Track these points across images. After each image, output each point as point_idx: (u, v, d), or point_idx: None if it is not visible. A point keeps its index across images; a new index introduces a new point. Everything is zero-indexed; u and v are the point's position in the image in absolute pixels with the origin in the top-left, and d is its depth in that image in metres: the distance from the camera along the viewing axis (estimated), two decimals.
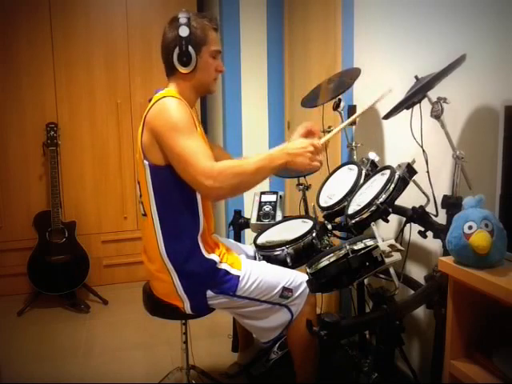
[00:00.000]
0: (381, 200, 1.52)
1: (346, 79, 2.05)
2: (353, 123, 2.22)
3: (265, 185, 3.20)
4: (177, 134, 1.45)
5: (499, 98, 1.46)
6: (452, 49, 1.64)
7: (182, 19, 1.54)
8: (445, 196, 1.49)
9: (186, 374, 1.86)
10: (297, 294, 1.61)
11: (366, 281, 2.02)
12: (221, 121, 3.36)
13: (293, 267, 1.69)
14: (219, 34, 1.63)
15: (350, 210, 1.65)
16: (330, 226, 1.79)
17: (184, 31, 1.53)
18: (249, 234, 2.34)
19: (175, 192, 1.54)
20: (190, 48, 1.53)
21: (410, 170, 1.57)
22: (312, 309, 1.63)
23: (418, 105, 1.55)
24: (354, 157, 2.07)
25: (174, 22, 1.56)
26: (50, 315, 2.88)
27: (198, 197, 1.58)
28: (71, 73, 3.13)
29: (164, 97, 1.52)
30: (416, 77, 1.56)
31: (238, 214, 2.22)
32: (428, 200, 1.60)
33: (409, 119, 1.62)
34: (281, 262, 1.70)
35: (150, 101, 1.58)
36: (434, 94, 1.47)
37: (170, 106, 1.49)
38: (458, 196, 1.45)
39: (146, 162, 1.53)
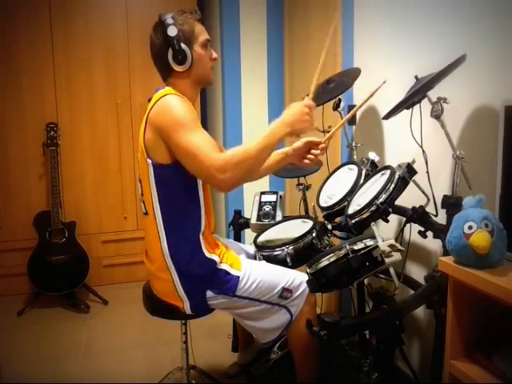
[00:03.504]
0: (381, 200, 1.52)
1: (346, 79, 2.05)
2: (353, 123, 2.22)
3: (265, 185, 3.20)
4: (182, 130, 1.45)
5: (499, 97, 1.46)
6: (452, 49, 1.64)
7: (167, 20, 1.55)
8: (445, 196, 1.49)
9: (186, 374, 1.86)
10: (296, 295, 1.61)
11: (366, 281, 2.02)
12: (221, 120, 3.37)
13: (293, 267, 1.69)
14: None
15: (350, 210, 1.65)
16: (330, 226, 1.79)
17: (172, 31, 1.53)
18: (249, 234, 2.34)
19: (178, 190, 1.54)
20: (183, 45, 1.54)
21: (410, 170, 1.57)
22: (312, 309, 1.63)
23: (418, 105, 1.55)
24: (354, 157, 2.07)
25: (158, 26, 1.58)
26: (50, 315, 2.88)
27: (201, 194, 1.58)
28: (71, 73, 3.13)
29: (165, 95, 1.52)
30: (416, 77, 1.56)
31: (238, 214, 2.22)
32: (428, 200, 1.60)
33: (409, 119, 1.62)
34: (281, 261, 1.70)
35: (149, 100, 1.59)
36: (434, 94, 1.47)
37: (173, 102, 1.49)
38: (458, 196, 1.45)
39: (149, 161, 1.53)
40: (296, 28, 2.99)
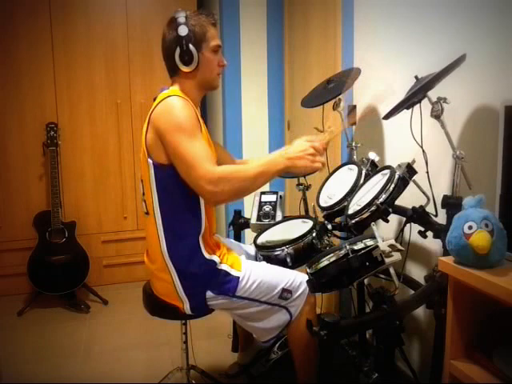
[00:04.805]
0: (381, 200, 1.52)
1: (346, 79, 2.05)
2: (353, 123, 2.22)
3: (265, 185, 3.20)
4: (180, 135, 1.45)
5: (499, 97, 1.46)
6: (452, 49, 1.64)
7: (180, 19, 1.54)
8: (445, 196, 1.49)
9: (186, 374, 1.86)
10: (296, 295, 1.60)
11: (366, 281, 2.02)
12: (221, 121, 3.37)
13: (293, 267, 1.69)
14: (218, 27, 1.63)
15: (350, 210, 1.65)
16: (329, 226, 1.79)
17: (183, 30, 1.53)
18: (249, 234, 2.34)
19: (178, 191, 1.54)
20: (191, 46, 1.53)
21: (410, 170, 1.57)
22: (312, 309, 1.63)
23: (418, 105, 1.55)
24: (354, 157, 2.07)
25: (172, 23, 1.57)
26: (50, 315, 2.88)
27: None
28: (71, 73, 3.13)
29: (169, 96, 1.52)
30: (416, 77, 1.56)
31: (238, 214, 2.22)
32: (428, 200, 1.60)
33: (409, 119, 1.62)
34: (281, 261, 1.70)
35: (154, 99, 1.58)
36: (434, 94, 1.47)
37: (175, 105, 1.49)
38: (458, 196, 1.45)
39: (149, 161, 1.53)
40: (296, 28, 2.99)
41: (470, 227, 1.18)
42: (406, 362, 1.72)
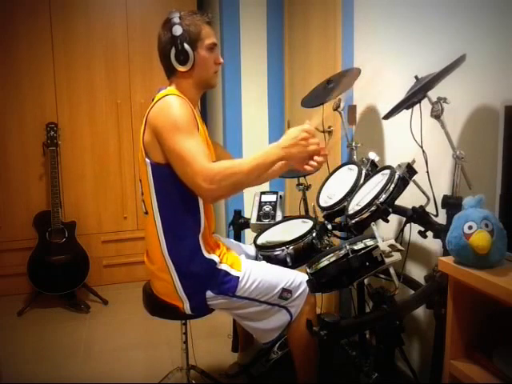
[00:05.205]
0: (381, 200, 1.52)
1: (346, 79, 2.05)
2: (353, 123, 2.22)
3: (265, 185, 3.19)
4: (176, 133, 1.45)
5: (499, 97, 1.46)
6: (452, 49, 1.64)
7: (174, 19, 1.55)
8: (445, 196, 1.48)
9: (186, 374, 1.86)
10: (296, 295, 1.61)
11: (366, 281, 2.02)
12: (221, 121, 3.37)
13: (293, 267, 1.69)
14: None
15: (350, 210, 1.65)
16: (329, 226, 1.79)
17: (177, 30, 1.53)
18: (249, 234, 2.34)
19: (176, 190, 1.54)
20: (186, 46, 1.54)
21: (410, 170, 1.57)
22: (312, 309, 1.63)
23: (418, 105, 1.55)
24: (354, 157, 2.07)
25: (166, 24, 1.57)
26: (50, 315, 2.88)
27: None
28: (71, 73, 3.13)
29: (166, 95, 1.52)
30: (416, 77, 1.56)
31: (238, 214, 2.22)
32: (428, 200, 1.60)
33: (409, 119, 1.62)
34: (281, 261, 1.70)
35: (153, 100, 1.59)
36: (433, 94, 1.47)
37: (172, 104, 1.49)
38: (458, 196, 1.45)
39: (147, 160, 1.54)
40: (296, 28, 2.99)
41: (470, 227, 1.18)
42: (406, 362, 1.72)
